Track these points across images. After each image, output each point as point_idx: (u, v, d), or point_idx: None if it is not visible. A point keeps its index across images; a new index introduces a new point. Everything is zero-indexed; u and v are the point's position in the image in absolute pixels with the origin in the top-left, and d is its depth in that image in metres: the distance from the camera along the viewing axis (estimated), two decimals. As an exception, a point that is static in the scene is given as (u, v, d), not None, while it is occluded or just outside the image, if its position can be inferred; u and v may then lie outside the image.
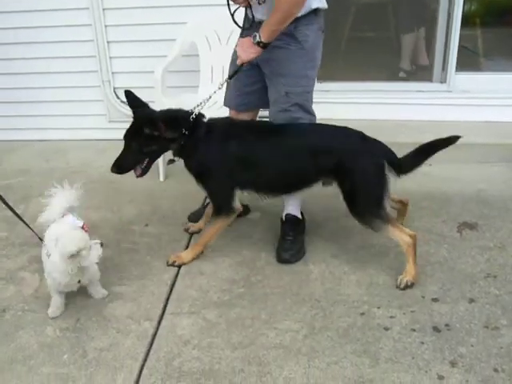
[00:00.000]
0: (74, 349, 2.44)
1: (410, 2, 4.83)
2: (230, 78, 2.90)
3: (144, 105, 2.87)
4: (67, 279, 2.52)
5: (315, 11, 2.77)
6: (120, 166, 2.85)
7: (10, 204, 3.51)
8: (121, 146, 3.23)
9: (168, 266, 2.94)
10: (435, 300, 2.65)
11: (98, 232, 3.25)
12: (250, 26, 2.87)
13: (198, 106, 2.81)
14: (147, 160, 2.85)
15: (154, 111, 2.83)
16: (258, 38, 2.67)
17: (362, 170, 2.70)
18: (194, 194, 3.58)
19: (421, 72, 4.53)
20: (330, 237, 3.13)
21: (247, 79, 2.94)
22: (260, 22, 2.73)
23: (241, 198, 2.96)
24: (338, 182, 2.75)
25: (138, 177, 2.90)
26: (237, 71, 2.84)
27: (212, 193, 2.90)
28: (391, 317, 2.56)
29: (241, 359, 2.35)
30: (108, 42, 4.09)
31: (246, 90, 3.00)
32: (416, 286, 2.73)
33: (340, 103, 3.93)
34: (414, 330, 2.46)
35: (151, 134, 2.70)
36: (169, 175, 3.93)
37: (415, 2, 4.85)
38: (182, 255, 2.98)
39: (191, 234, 3.23)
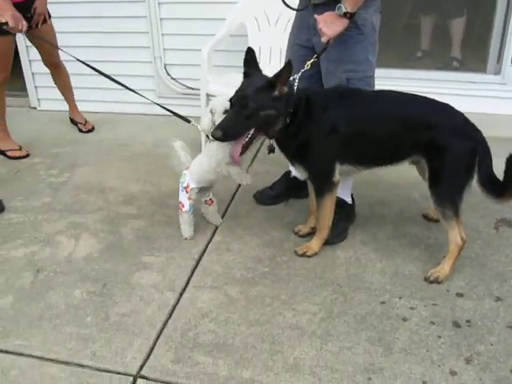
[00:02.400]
0: (98, 312, 2.56)
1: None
2: (317, 56, 2.71)
3: (259, 70, 2.68)
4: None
5: None
6: (227, 131, 2.53)
7: (55, 172, 3.69)
8: (168, 121, 3.30)
9: (299, 256, 2.88)
10: (460, 295, 2.60)
11: (135, 203, 3.38)
12: (303, 8, 2.80)
13: (294, 81, 2.64)
14: (251, 133, 2.58)
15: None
16: (343, 9, 2.55)
17: (458, 151, 2.59)
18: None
19: (475, 62, 4.38)
20: (361, 224, 3.10)
21: (300, 64, 2.76)
22: (317, 4, 2.67)
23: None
24: (427, 159, 2.65)
25: (240, 154, 2.65)
26: (324, 49, 2.69)
27: (315, 171, 2.77)
28: (411, 308, 2.53)
29: (255, 336, 2.39)
30: (161, 19, 4.18)
31: (305, 74, 2.80)
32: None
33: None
34: (433, 323, 2.44)
35: (278, 93, 2.50)
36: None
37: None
38: (312, 245, 2.90)
39: (224, 213, 3.27)
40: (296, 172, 3.00)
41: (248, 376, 2.20)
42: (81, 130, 4.34)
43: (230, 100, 2.60)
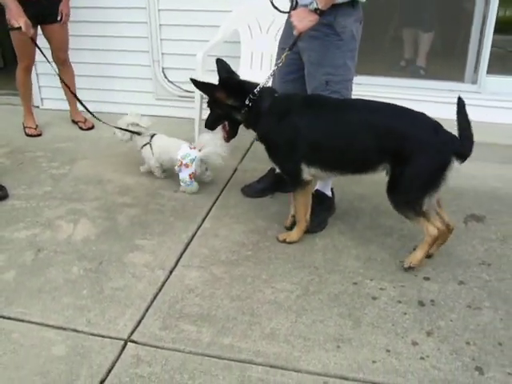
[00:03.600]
0: (93, 286, 2.78)
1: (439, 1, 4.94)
2: (289, 49, 2.93)
3: (231, 72, 3.05)
4: None
5: (352, 3, 2.88)
6: (206, 123, 3.10)
7: (56, 164, 3.94)
8: (163, 122, 3.61)
9: (279, 242, 3.10)
10: (426, 279, 2.82)
11: (130, 194, 3.62)
12: (289, 11, 3.01)
13: (265, 80, 2.93)
14: (225, 124, 3.08)
15: (230, 78, 3.00)
16: (315, 5, 2.73)
17: (421, 163, 2.66)
18: (224, 167, 3.87)
19: (454, 72, 4.64)
20: (341, 216, 3.33)
21: (289, 67, 3.07)
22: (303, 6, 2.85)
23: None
24: (391, 165, 2.73)
25: (226, 141, 3.19)
26: (294, 43, 2.91)
27: (279, 166, 3.02)
28: (381, 288, 2.75)
29: (236, 309, 2.61)
30: (160, 25, 4.44)
31: (288, 78, 3.13)
32: (413, 266, 2.93)
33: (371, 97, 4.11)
34: (400, 302, 2.66)
35: (212, 98, 2.95)
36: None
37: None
38: (292, 234, 3.11)
39: (213, 203, 3.51)
40: None
41: (228, 342, 2.41)
42: (81, 128, 4.60)
43: None
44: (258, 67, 4.05)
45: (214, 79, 3.91)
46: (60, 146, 4.14)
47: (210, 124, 3.09)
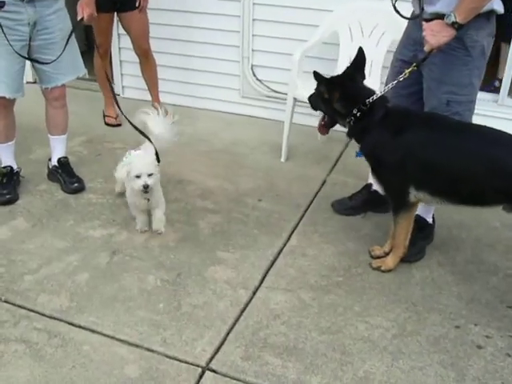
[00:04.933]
0: (170, 300, 2.59)
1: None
2: (417, 66, 2.62)
3: (359, 70, 2.78)
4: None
5: (488, 14, 2.56)
6: (309, 99, 2.91)
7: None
8: (249, 122, 3.39)
9: (373, 269, 2.86)
10: (540, 330, 2.52)
11: (212, 198, 3.41)
12: (412, 18, 2.74)
13: (383, 90, 2.68)
14: (326, 118, 2.87)
15: (345, 78, 2.77)
16: (453, 18, 2.43)
17: None
18: (312, 178, 3.66)
19: None
20: (439, 245, 3.03)
21: (405, 81, 2.72)
22: (428, 20, 2.56)
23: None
24: None
25: (320, 132, 2.95)
26: (425, 58, 2.60)
27: (384, 186, 2.76)
28: (487, 336, 2.46)
29: (326, 344, 2.38)
30: (253, 20, 4.20)
31: (403, 92, 2.81)
32: (522, 312, 2.61)
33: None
34: (509, 356, 2.36)
35: (322, 94, 2.72)
36: (290, 157, 3.95)
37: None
38: (387, 261, 2.86)
39: (300, 218, 3.25)
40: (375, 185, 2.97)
41: (316, 383, 2.19)
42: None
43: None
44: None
45: (308, 82, 3.70)
46: (139, 140, 3.97)
47: (313, 104, 2.89)
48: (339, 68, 3.85)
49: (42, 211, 3.25)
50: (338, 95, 2.65)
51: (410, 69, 2.64)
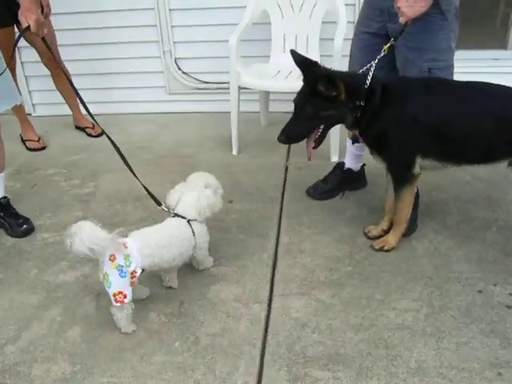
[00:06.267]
0: (185, 335, 2.33)
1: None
2: (395, 40, 2.50)
3: (314, 64, 2.50)
4: None
5: None
6: (290, 135, 2.54)
7: (77, 182, 3.40)
8: (183, 119, 3.11)
9: (376, 250, 2.75)
10: (553, 276, 2.55)
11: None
12: None
13: (368, 70, 2.48)
14: (322, 128, 2.54)
15: (330, 69, 2.48)
16: None
17: None
18: (272, 166, 3.49)
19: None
20: (426, 212, 2.98)
21: (370, 53, 2.60)
22: None
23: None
24: None
25: (313, 148, 2.59)
26: (402, 31, 2.47)
27: (393, 163, 2.61)
28: (510, 294, 2.45)
29: (366, 342, 2.25)
30: (170, 10, 3.89)
31: (375, 66, 2.61)
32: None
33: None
34: (539, 308, 2.38)
35: (328, 93, 2.39)
36: (241, 148, 3.76)
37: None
38: (389, 239, 2.76)
39: (280, 212, 3.08)
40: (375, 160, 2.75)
41: (376, 387, 2.07)
42: (90, 135, 4.01)
43: (294, 101, 2.50)
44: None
45: (248, 67, 3.50)
46: (73, 160, 3.58)
47: (301, 133, 2.55)
48: (274, 49, 3.70)
49: (-6, 264, 2.83)
50: (343, 86, 2.38)
51: (388, 44, 2.51)
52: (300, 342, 2.27)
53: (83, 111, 3.94)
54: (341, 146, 3.45)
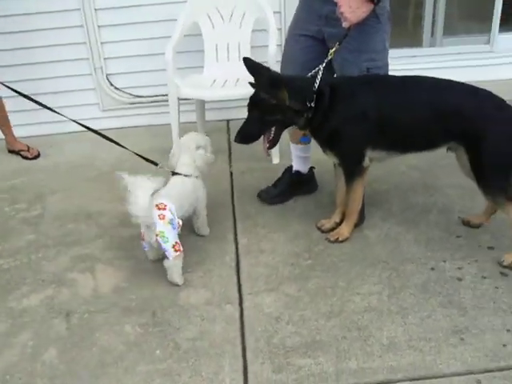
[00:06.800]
0: (164, 343, 2.36)
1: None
2: (340, 43, 2.62)
3: (266, 69, 2.66)
4: None
5: None
6: (243, 136, 2.70)
7: (23, 206, 3.33)
8: (119, 134, 3.18)
9: (331, 242, 2.88)
10: (491, 248, 2.79)
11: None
12: None
13: (317, 72, 2.63)
14: (274, 129, 2.70)
15: (278, 74, 2.66)
16: None
17: (495, 138, 2.56)
18: (216, 172, 3.54)
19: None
20: (372, 202, 3.13)
21: (308, 55, 2.80)
22: None
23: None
24: (466, 148, 2.61)
25: (268, 149, 2.76)
26: (346, 35, 2.61)
27: (345, 157, 2.76)
28: (459, 268, 2.68)
29: (338, 327, 2.38)
30: (99, 27, 3.87)
31: (311, 65, 2.76)
32: (470, 237, 2.87)
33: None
34: (485, 278, 2.60)
35: (269, 100, 2.54)
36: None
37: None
38: (342, 231, 2.91)
39: (233, 216, 3.17)
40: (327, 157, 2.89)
41: (355, 366, 2.19)
42: (26, 158, 3.90)
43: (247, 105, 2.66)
44: (225, 59, 3.69)
45: (183, 79, 3.56)
46: (14, 184, 3.47)
47: (252, 135, 2.70)
48: (207, 59, 3.78)
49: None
50: (286, 91, 2.54)
51: (333, 49, 2.65)
52: (277, 334, 2.36)
53: (16, 134, 3.87)
54: (281, 149, 3.59)
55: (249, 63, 2.63)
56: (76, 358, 2.32)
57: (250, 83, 2.61)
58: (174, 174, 2.86)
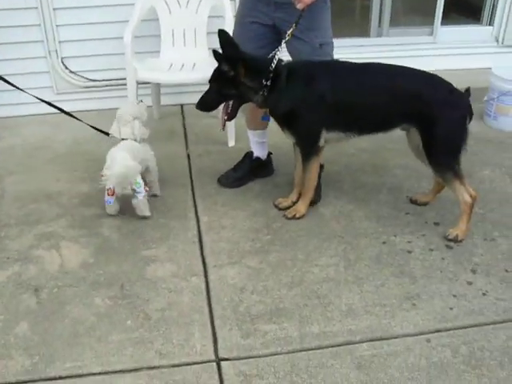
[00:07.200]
0: (134, 313, 2.45)
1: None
2: (296, 24, 2.76)
3: (235, 46, 2.76)
4: None
5: None
6: (202, 105, 2.89)
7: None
8: (71, 118, 3.25)
9: (289, 219, 3.02)
10: (436, 224, 3.02)
11: (95, 203, 3.18)
12: None
13: (275, 53, 2.77)
14: (232, 103, 2.87)
15: (241, 52, 2.75)
16: None
17: (447, 120, 2.75)
18: (173, 155, 3.66)
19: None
20: (325, 182, 3.29)
21: (259, 42, 2.94)
22: None
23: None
24: (419, 130, 2.80)
25: (225, 121, 2.96)
26: (300, 16, 2.75)
27: (301, 137, 2.91)
28: (408, 242, 2.89)
29: (300, 296, 2.54)
30: (54, 9, 3.85)
31: (262, 52, 2.92)
32: (417, 214, 3.09)
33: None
34: (432, 250, 2.82)
35: (228, 73, 2.71)
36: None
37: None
38: (299, 208, 3.05)
39: (193, 196, 3.26)
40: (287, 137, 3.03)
41: (317, 330, 2.35)
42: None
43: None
44: (181, 44, 3.76)
45: (141, 63, 3.61)
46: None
47: (210, 104, 2.89)
48: (164, 43, 3.85)
49: None
50: (244, 68, 2.69)
51: (290, 30, 2.80)
52: (242, 303, 2.50)
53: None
54: (237, 133, 3.74)
55: (222, 36, 2.73)
56: (49, 329, 2.37)
57: (214, 51, 2.73)
58: (123, 139, 3.11)
